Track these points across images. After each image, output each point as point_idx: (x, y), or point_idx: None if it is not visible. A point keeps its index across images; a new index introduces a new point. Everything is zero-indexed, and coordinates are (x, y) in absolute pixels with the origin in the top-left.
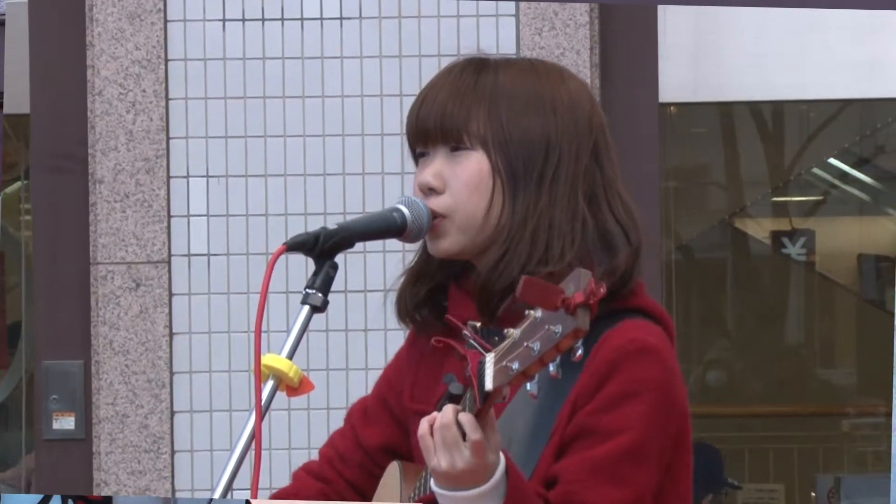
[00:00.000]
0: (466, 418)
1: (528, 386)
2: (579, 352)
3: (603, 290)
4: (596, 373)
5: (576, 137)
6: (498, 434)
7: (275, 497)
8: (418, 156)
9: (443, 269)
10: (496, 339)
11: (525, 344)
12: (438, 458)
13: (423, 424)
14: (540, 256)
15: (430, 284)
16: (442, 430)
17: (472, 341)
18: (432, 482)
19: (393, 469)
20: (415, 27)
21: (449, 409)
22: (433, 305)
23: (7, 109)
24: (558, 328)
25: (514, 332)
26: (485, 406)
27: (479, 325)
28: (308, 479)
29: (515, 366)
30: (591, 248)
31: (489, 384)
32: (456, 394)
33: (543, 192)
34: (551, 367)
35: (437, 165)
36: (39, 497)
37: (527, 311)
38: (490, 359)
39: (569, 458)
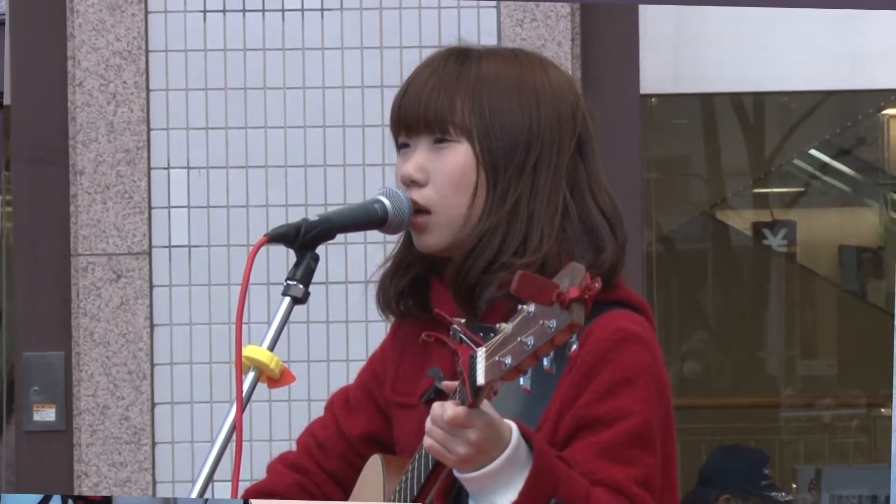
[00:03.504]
0: (458, 411)
1: (521, 381)
2: (574, 346)
3: (598, 285)
4: (584, 365)
5: (559, 128)
6: (497, 414)
7: (250, 491)
8: (400, 146)
9: (424, 260)
10: (481, 334)
11: (518, 339)
12: (452, 447)
13: (429, 423)
14: (516, 248)
15: (412, 275)
16: (441, 422)
17: (462, 336)
18: (456, 472)
19: (375, 463)
20: (396, 18)
21: (439, 404)
22: (415, 296)
23: None
24: (553, 323)
25: (505, 327)
26: (476, 400)
27: (463, 320)
28: (284, 470)
29: (508, 360)
30: (573, 242)
31: (481, 379)
32: (442, 388)
33: (524, 183)
34: (545, 362)
35: (420, 158)
36: (39, 497)
37: (519, 306)
38: (481, 354)
39: (576, 446)
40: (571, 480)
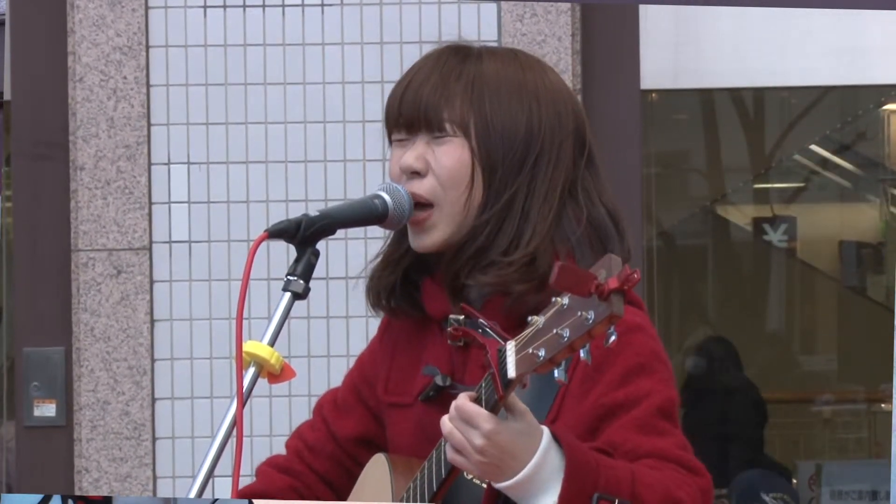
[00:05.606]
0: (475, 410)
1: (556, 373)
2: (612, 337)
3: (637, 276)
4: (593, 359)
5: (558, 128)
6: (529, 413)
7: (241, 494)
8: (396, 140)
9: (415, 255)
10: (481, 331)
11: (553, 331)
12: (470, 456)
13: (447, 424)
14: (507, 246)
15: (402, 270)
16: (461, 421)
17: (488, 330)
18: (494, 483)
19: (379, 462)
20: (396, 13)
21: (462, 397)
22: (406, 294)
23: None
24: (590, 314)
25: (537, 320)
26: (506, 393)
27: (462, 317)
28: (274, 473)
29: (542, 353)
30: (573, 242)
31: (512, 372)
32: (441, 385)
33: (520, 182)
34: (582, 354)
35: (420, 149)
36: (39, 497)
37: (553, 298)
38: (511, 347)
39: (609, 430)
40: (613, 470)
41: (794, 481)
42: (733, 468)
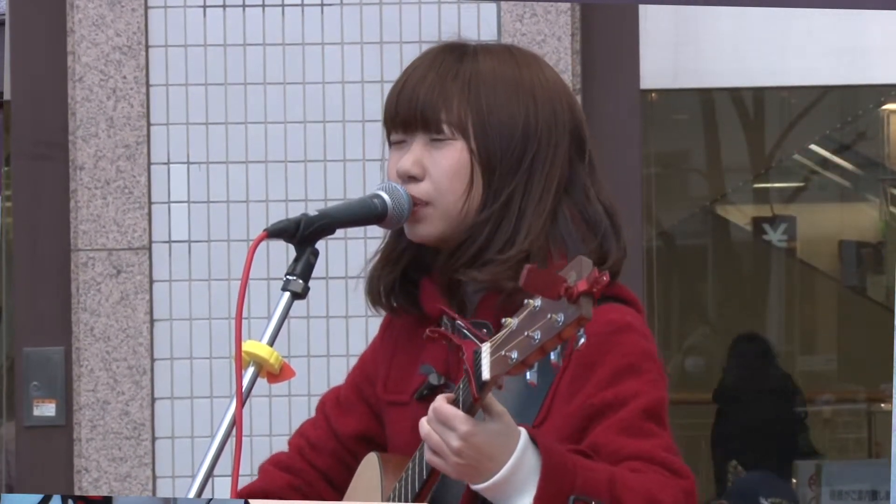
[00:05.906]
0: (451, 412)
1: (528, 375)
2: (581, 340)
3: (606, 279)
4: (581, 358)
5: (555, 127)
6: (506, 415)
7: (242, 493)
8: (394, 143)
9: (413, 253)
10: (484, 330)
11: (525, 333)
12: (447, 456)
13: (425, 426)
14: (503, 245)
15: (401, 268)
16: (437, 424)
17: (465, 332)
18: (471, 485)
19: (371, 461)
20: (396, 13)
21: (440, 399)
22: (405, 292)
23: None
24: (560, 317)
25: (511, 322)
26: (481, 395)
27: (455, 318)
28: (275, 471)
29: (514, 355)
30: (566, 239)
31: (486, 374)
32: (435, 384)
33: (518, 181)
34: (552, 356)
35: (417, 152)
36: (39, 497)
37: (525, 301)
38: (486, 349)
39: (595, 431)
40: (591, 472)
41: (794, 480)
42: (783, 457)
